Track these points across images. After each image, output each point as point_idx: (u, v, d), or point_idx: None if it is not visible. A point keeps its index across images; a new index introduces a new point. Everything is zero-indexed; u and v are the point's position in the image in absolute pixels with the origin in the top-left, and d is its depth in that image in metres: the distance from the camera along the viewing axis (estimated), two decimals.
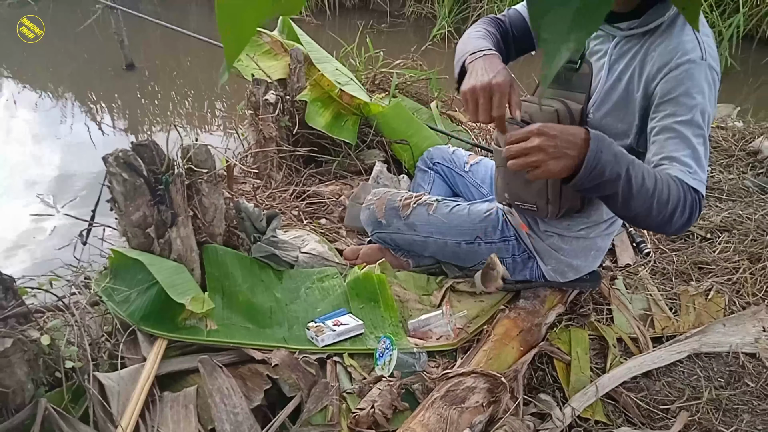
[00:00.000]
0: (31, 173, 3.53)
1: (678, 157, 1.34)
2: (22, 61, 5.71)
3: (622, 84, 1.47)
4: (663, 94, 1.38)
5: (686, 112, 1.34)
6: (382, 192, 1.99)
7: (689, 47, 1.35)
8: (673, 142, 1.36)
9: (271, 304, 1.74)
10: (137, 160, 1.59)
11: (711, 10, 5.18)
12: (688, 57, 1.34)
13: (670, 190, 1.29)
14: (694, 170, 1.34)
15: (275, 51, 2.62)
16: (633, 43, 1.45)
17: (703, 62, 1.34)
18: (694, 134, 1.35)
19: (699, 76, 1.34)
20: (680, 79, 1.35)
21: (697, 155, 1.35)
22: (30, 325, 1.35)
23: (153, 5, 6.98)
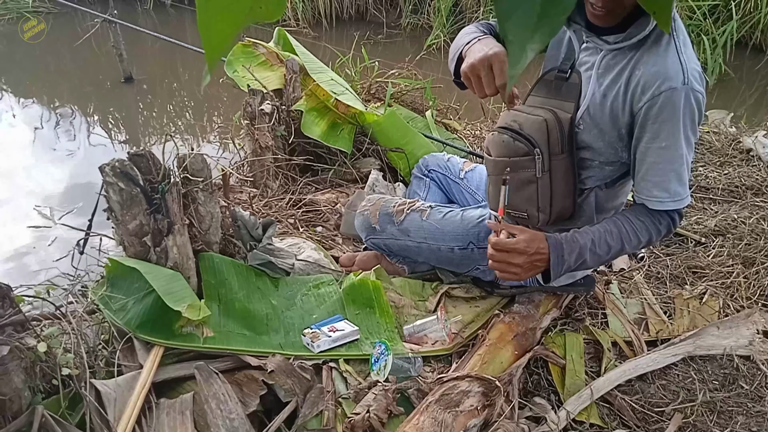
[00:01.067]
0: (30, 185, 3.55)
1: (658, 183, 1.49)
2: (21, 74, 5.74)
3: (608, 99, 1.50)
4: (646, 117, 1.44)
5: (668, 138, 1.43)
6: (376, 198, 2.01)
7: (672, 72, 1.39)
8: (656, 167, 1.48)
9: (268, 311, 1.75)
10: (134, 169, 1.61)
11: (704, 18, 5.22)
12: (670, 84, 1.39)
13: (637, 232, 1.53)
14: (674, 192, 1.49)
15: (271, 62, 2.65)
16: (620, 58, 1.48)
17: (685, 87, 1.39)
18: (677, 158, 1.45)
19: (680, 101, 1.39)
20: (663, 105, 1.40)
21: (679, 176, 1.48)
22: (27, 333, 1.37)
23: (151, 19, 7.03)
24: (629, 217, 1.54)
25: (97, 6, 6.29)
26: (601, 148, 1.56)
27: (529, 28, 0.44)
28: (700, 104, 1.43)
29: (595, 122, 1.54)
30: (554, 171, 1.57)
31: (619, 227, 1.52)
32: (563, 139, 1.56)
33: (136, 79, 5.13)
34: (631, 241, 1.53)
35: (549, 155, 1.56)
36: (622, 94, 1.47)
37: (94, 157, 3.97)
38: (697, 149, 3.04)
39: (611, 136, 1.53)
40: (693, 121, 1.43)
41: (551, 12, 0.44)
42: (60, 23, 6.85)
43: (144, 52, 5.96)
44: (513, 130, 1.58)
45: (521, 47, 0.45)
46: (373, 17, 6.74)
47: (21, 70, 5.87)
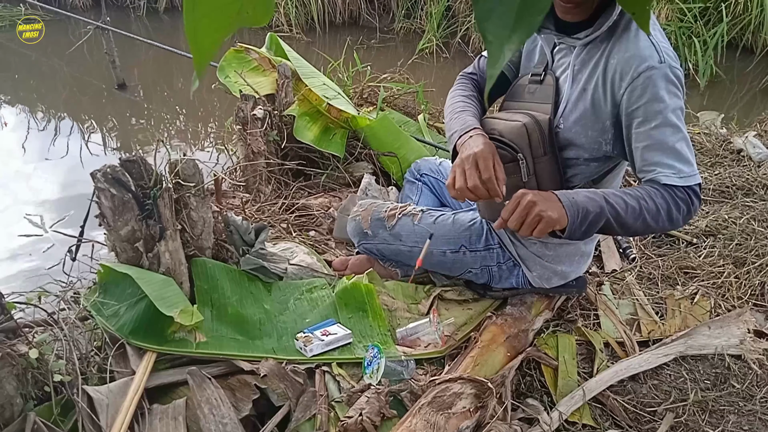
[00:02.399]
0: (23, 193, 3.55)
1: (660, 162, 1.43)
2: (14, 82, 5.74)
3: (588, 93, 1.51)
4: (630, 103, 1.44)
5: (657, 117, 1.41)
6: (368, 203, 2.01)
7: (646, 54, 1.40)
8: (652, 148, 1.44)
9: (260, 316, 1.75)
10: (125, 175, 1.61)
11: (695, 20, 5.27)
12: (647, 64, 1.40)
13: (655, 200, 1.41)
14: (678, 169, 1.42)
15: (263, 67, 2.66)
16: (593, 52, 1.50)
17: (663, 65, 1.40)
18: (671, 135, 1.42)
19: (661, 79, 1.40)
20: (644, 86, 1.40)
21: (678, 153, 1.42)
22: (19, 340, 1.37)
23: (144, 25, 7.04)
24: (652, 192, 1.43)
25: (90, 13, 6.30)
26: (585, 144, 1.57)
27: (506, 28, 0.45)
28: (681, 81, 1.43)
29: (577, 119, 1.55)
30: (540, 173, 1.58)
31: (635, 191, 1.44)
32: (544, 141, 1.57)
33: (129, 86, 5.14)
34: (650, 206, 1.41)
35: (532, 158, 1.57)
36: (601, 86, 1.48)
37: (86, 164, 3.97)
38: None
39: (595, 130, 1.53)
40: (678, 97, 1.43)
41: (528, 13, 0.44)
42: (53, 31, 6.83)
43: (137, 58, 5.97)
44: (495, 138, 1.59)
45: (499, 47, 0.46)
46: (366, 22, 6.77)
47: (14, 77, 5.87)
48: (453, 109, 1.73)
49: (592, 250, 1.86)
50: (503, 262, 1.83)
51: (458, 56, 5.81)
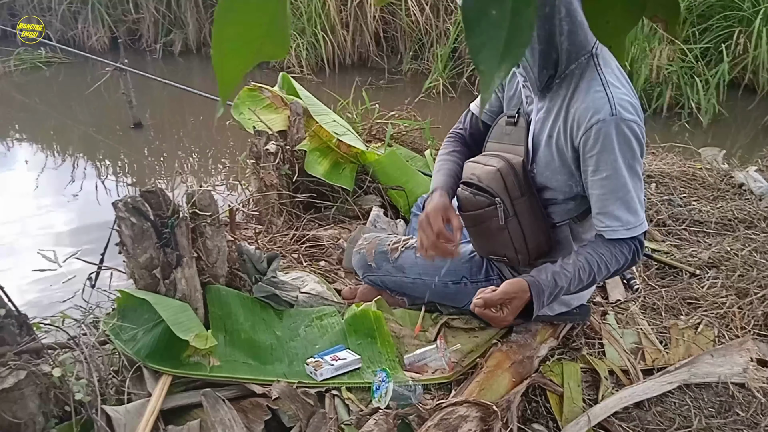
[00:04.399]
0: (40, 228, 3.65)
1: (608, 212, 1.56)
2: (34, 122, 5.91)
3: (553, 139, 1.60)
4: (585, 151, 1.53)
5: (607, 167, 1.50)
6: (372, 237, 2.08)
7: (599, 105, 1.48)
8: (603, 197, 1.55)
9: (272, 342, 1.81)
10: (145, 205, 1.69)
11: (696, 60, 5.38)
12: (597, 117, 1.47)
13: (606, 262, 1.60)
14: (625, 221, 1.56)
15: (276, 105, 2.77)
16: (556, 99, 1.59)
17: (614, 117, 1.47)
18: (621, 186, 1.52)
19: (611, 132, 1.47)
20: (596, 138, 1.49)
21: (627, 204, 1.54)
22: (42, 360, 1.42)
23: (160, 67, 7.26)
24: (596, 249, 1.61)
25: (107, 56, 6.51)
26: (557, 187, 1.67)
27: (495, 60, 0.53)
28: (636, 132, 1.50)
29: (547, 163, 1.64)
30: (520, 214, 1.69)
31: (590, 261, 1.60)
32: (520, 183, 1.67)
33: (144, 125, 5.29)
34: (602, 272, 1.61)
35: (510, 200, 1.68)
36: (563, 133, 1.57)
37: (102, 200, 4.08)
38: (689, 184, 3.12)
39: (563, 174, 1.63)
40: (631, 149, 1.50)
41: (513, 46, 0.52)
42: (72, 73, 7.07)
43: (152, 98, 6.14)
44: (473, 184, 1.73)
45: (490, 75, 0.53)
46: (374, 63, 6.94)
47: (34, 117, 6.04)
48: (436, 164, 1.93)
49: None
50: None
51: (464, 95, 5.94)
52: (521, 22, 0.49)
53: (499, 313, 1.61)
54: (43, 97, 6.62)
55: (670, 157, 3.52)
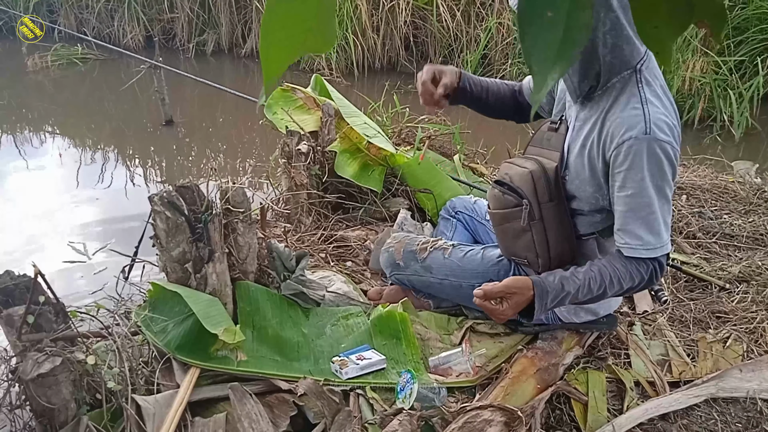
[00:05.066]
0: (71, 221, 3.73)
1: (630, 230, 1.54)
2: (68, 117, 6.04)
3: (586, 149, 1.59)
4: (614, 166, 1.52)
5: (634, 186, 1.49)
6: (401, 236, 2.09)
7: (633, 122, 1.46)
8: (626, 214, 1.53)
9: (299, 339, 1.82)
10: (179, 200, 1.72)
11: (731, 73, 5.31)
12: (630, 134, 1.46)
13: (620, 278, 1.56)
14: (645, 241, 1.52)
15: (308, 106, 2.80)
16: (594, 109, 1.58)
17: (646, 137, 1.45)
18: (645, 205, 1.50)
19: (642, 151, 1.45)
20: (626, 155, 1.47)
21: (650, 225, 1.51)
22: (76, 348, 1.46)
23: (192, 66, 7.36)
24: (612, 263, 1.58)
25: (141, 54, 6.62)
26: (584, 197, 1.66)
27: (549, 61, 0.53)
28: (668, 153, 1.47)
29: (578, 172, 1.63)
30: (546, 218, 1.69)
31: (603, 274, 1.57)
32: (550, 187, 1.67)
33: (176, 122, 5.37)
34: (614, 286, 1.57)
35: (538, 204, 1.68)
36: (596, 145, 1.56)
37: (131, 196, 4.16)
38: (721, 197, 3.08)
39: (591, 186, 1.62)
40: (661, 170, 1.48)
41: (567, 48, 0.53)
42: (106, 69, 7.20)
43: (184, 97, 6.23)
44: (505, 183, 1.75)
45: (543, 77, 0.54)
46: (403, 68, 6.96)
47: (69, 112, 6.17)
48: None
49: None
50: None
51: None
52: (577, 24, 0.50)
53: (499, 306, 1.58)
54: (77, 92, 6.75)
55: (701, 169, 3.47)
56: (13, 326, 1.38)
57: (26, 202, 4.06)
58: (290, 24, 0.63)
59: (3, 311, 1.39)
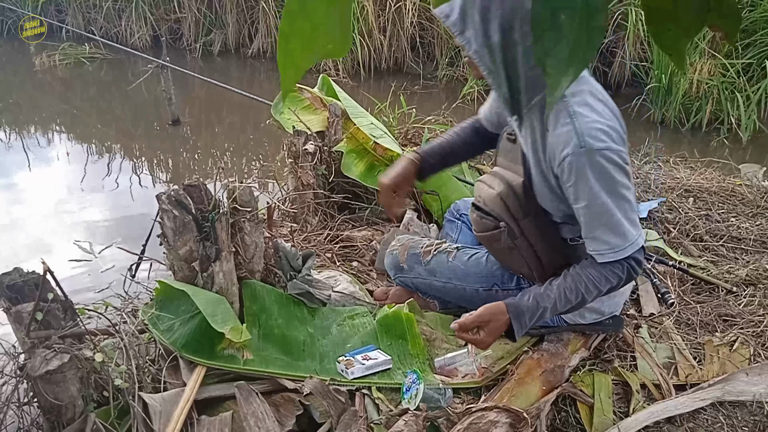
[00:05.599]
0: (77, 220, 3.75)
1: (596, 237, 1.55)
2: (75, 116, 6.07)
3: (539, 165, 1.61)
4: (563, 181, 1.54)
5: (587, 198, 1.50)
6: (405, 239, 2.09)
7: (566, 138, 1.47)
8: (588, 224, 1.55)
9: (304, 338, 1.83)
10: (187, 198, 1.73)
11: (738, 76, 5.29)
12: (566, 151, 1.47)
13: (596, 283, 1.58)
14: (613, 245, 1.54)
15: (315, 106, 2.80)
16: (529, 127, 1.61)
17: (582, 150, 1.45)
18: (603, 213, 1.50)
19: (583, 165, 1.46)
20: (569, 171, 1.48)
21: (614, 228, 1.52)
22: (84, 345, 1.47)
23: (199, 66, 7.38)
24: (585, 270, 1.59)
25: (148, 54, 6.65)
26: (553, 209, 1.67)
27: (563, 64, 0.54)
28: (611, 158, 1.47)
29: (539, 188, 1.65)
30: (528, 234, 1.70)
31: (577, 283, 1.59)
32: (522, 204, 1.69)
33: (183, 122, 5.39)
34: (591, 293, 1.59)
35: (516, 222, 1.70)
36: (544, 162, 1.58)
37: (136, 195, 4.17)
38: (728, 200, 3.07)
39: (554, 200, 1.63)
40: (608, 176, 1.47)
41: (582, 50, 0.53)
42: (114, 69, 7.23)
43: (191, 97, 6.25)
44: (480, 207, 1.79)
45: (557, 79, 0.54)
46: (410, 69, 6.96)
47: (76, 111, 6.20)
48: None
49: (629, 288, 1.90)
50: None
51: None
52: (591, 26, 0.50)
53: (477, 335, 1.60)
54: (85, 91, 6.78)
55: (708, 172, 3.46)
56: (22, 323, 1.39)
57: (33, 200, 4.08)
58: (309, 30, 0.63)
59: (12, 308, 1.39)
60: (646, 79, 5.87)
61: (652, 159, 3.51)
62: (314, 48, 0.66)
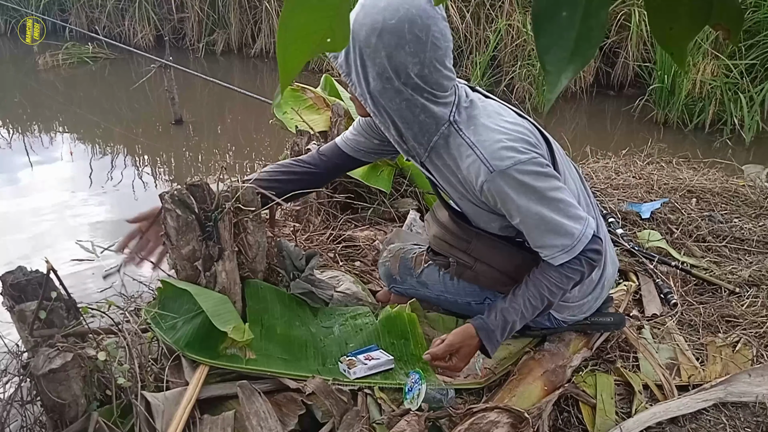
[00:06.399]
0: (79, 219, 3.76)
1: (543, 244, 1.55)
2: (78, 116, 6.08)
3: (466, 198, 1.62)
4: (491, 205, 1.56)
5: (518, 214, 1.51)
6: (396, 249, 2.06)
7: (476, 169, 1.49)
8: (531, 235, 1.56)
9: (307, 338, 1.83)
10: (190, 198, 1.73)
11: (741, 76, 5.29)
12: (481, 180, 1.48)
13: (556, 282, 1.58)
14: (561, 246, 1.53)
15: (318, 106, 2.80)
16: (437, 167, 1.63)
17: (494, 174, 1.46)
18: (538, 222, 1.51)
19: (501, 187, 1.47)
20: (491, 195, 1.50)
21: (556, 230, 1.51)
22: (87, 344, 1.47)
23: (201, 66, 7.39)
24: (545, 273, 1.59)
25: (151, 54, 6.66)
26: (500, 229, 1.69)
27: (564, 61, 0.54)
28: (525, 169, 1.47)
29: (476, 215, 1.68)
30: (481, 257, 1.74)
31: (539, 287, 1.59)
32: (459, 235, 1.72)
33: (185, 121, 5.39)
34: (555, 294, 1.60)
35: (463, 252, 1.74)
36: (468, 193, 1.59)
37: (139, 194, 4.19)
38: (731, 201, 3.07)
39: (496, 221, 1.66)
40: (529, 187, 1.47)
41: (582, 47, 0.53)
42: (117, 68, 7.25)
43: (193, 96, 6.26)
44: (431, 250, 1.87)
45: (557, 75, 0.54)
46: None
47: (79, 111, 6.21)
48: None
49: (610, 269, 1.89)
50: None
51: None
52: (592, 23, 0.50)
53: (450, 362, 1.61)
54: (88, 91, 6.79)
55: (711, 172, 3.46)
56: (25, 322, 1.39)
57: (36, 199, 4.09)
58: (309, 22, 0.63)
59: (15, 306, 1.40)
60: (649, 80, 5.88)
61: (654, 159, 3.51)
62: (313, 41, 0.65)
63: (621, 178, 3.32)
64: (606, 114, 6.26)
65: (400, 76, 1.46)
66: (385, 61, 1.44)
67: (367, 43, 1.44)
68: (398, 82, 1.46)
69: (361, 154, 1.89)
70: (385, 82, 1.47)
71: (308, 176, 1.90)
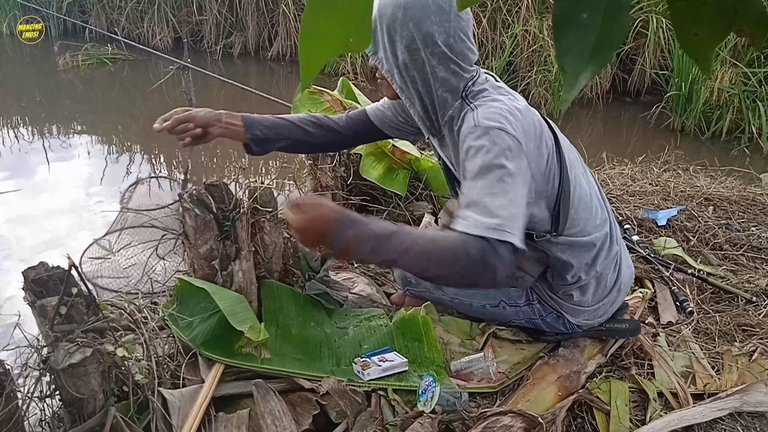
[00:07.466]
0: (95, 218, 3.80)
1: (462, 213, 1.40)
2: (96, 116, 6.15)
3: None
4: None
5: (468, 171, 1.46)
6: None
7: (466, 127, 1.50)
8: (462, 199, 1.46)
9: (321, 339, 1.84)
10: (209, 198, 1.75)
11: (760, 85, 5.24)
12: (464, 135, 1.50)
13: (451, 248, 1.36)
14: (474, 220, 1.36)
15: (335, 108, 2.81)
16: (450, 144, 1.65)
17: (476, 128, 1.46)
18: (476, 189, 1.41)
19: (473, 139, 1.46)
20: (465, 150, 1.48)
21: (481, 206, 1.38)
22: (106, 340, 1.49)
23: (219, 68, 7.45)
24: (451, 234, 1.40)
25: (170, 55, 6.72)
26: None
27: (583, 61, 0.54)
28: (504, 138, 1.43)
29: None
30: None
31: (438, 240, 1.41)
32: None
33: None
34: (434, 264, 1.36)
35: None
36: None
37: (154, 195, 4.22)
38: (749, 210, 3.04)
39: None
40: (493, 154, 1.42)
41: (602, 48, 0.53)
42: (135, 70, 7.32)
43: (211, 97, 6.31)
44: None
45: (575, 77, 0.55)
46: None
47: (97, 111, 6.28)
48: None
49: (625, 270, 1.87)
50: (546, 315, 1.86)
51: None
52: (612, 25, 0.50)
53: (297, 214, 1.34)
54: (107, 91, 6.87)
55: (729, 181, 3.43)
56: (46, 317, 1.41)
57: (54, 198, 4.14)
58: (331, 21, 0.64)
59: (36, 301, 1.42)
60: (666, 87, 5.85)
61: (671, 167, 3.49)
62: (335, 40, 0.66)
63: (637, 185, 3.30)
64: (622, 120, 6.22)
65: (427, 45, 1.50)
66: (414, 31, 1.49)
67: (393, 18, 1.50)
68: (425, 52, 1.51)
69: (386, 126, 1.94)
70: (412, 53, 1.51)
71: (333, 133, 1.94)
